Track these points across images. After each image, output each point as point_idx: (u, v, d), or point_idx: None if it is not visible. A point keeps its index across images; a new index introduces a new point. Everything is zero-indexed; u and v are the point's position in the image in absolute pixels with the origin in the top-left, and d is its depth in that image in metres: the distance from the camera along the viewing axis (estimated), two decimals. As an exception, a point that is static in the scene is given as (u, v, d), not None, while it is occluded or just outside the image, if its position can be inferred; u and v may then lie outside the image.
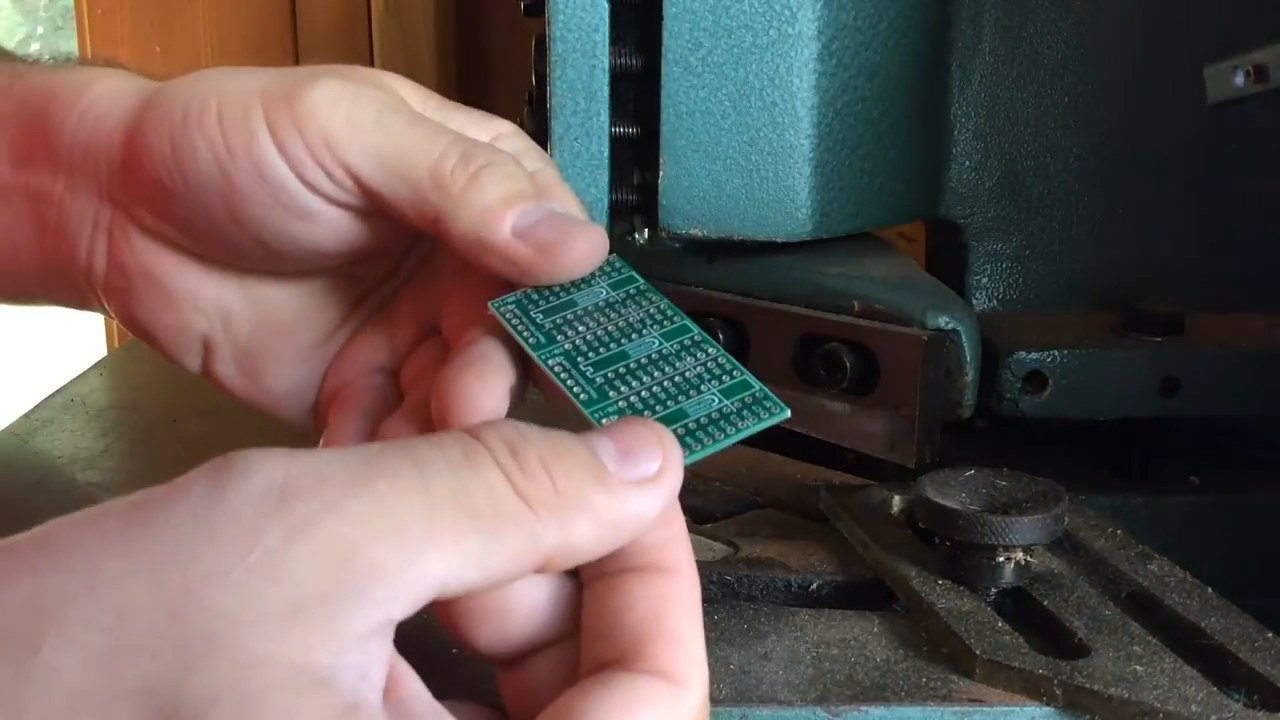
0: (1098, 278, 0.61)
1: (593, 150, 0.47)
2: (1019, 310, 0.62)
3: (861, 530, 0.45)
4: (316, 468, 0.25)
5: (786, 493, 0.51)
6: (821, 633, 0.40)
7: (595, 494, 0.28)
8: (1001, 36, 0.59)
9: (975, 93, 0.60)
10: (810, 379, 0.49)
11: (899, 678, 0.37)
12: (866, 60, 0.51)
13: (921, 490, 0.41)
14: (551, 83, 0.47)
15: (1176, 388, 0.54)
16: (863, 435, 0.48)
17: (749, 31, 0.48)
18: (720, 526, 0.48)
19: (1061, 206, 0.61)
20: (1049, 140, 0.60)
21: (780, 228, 0.50)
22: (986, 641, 0.37)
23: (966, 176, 0.61)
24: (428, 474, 0.26)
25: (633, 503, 0.28)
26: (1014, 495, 0.41)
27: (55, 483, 0.54)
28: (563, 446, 0.28)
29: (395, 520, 0.25)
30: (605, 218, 0.48)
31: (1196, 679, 0.35)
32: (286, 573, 0.24)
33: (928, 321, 0.46)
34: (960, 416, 0.47)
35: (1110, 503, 0.55)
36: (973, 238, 0.61)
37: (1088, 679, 0.35)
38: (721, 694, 0.36)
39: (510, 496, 0.27)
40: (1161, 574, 0.42)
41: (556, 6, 0.46)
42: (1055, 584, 0.41)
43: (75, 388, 0.70)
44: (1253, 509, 0.56)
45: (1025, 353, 0.54)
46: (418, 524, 0.25)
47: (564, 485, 0.27)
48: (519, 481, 0.27)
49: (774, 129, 0.49)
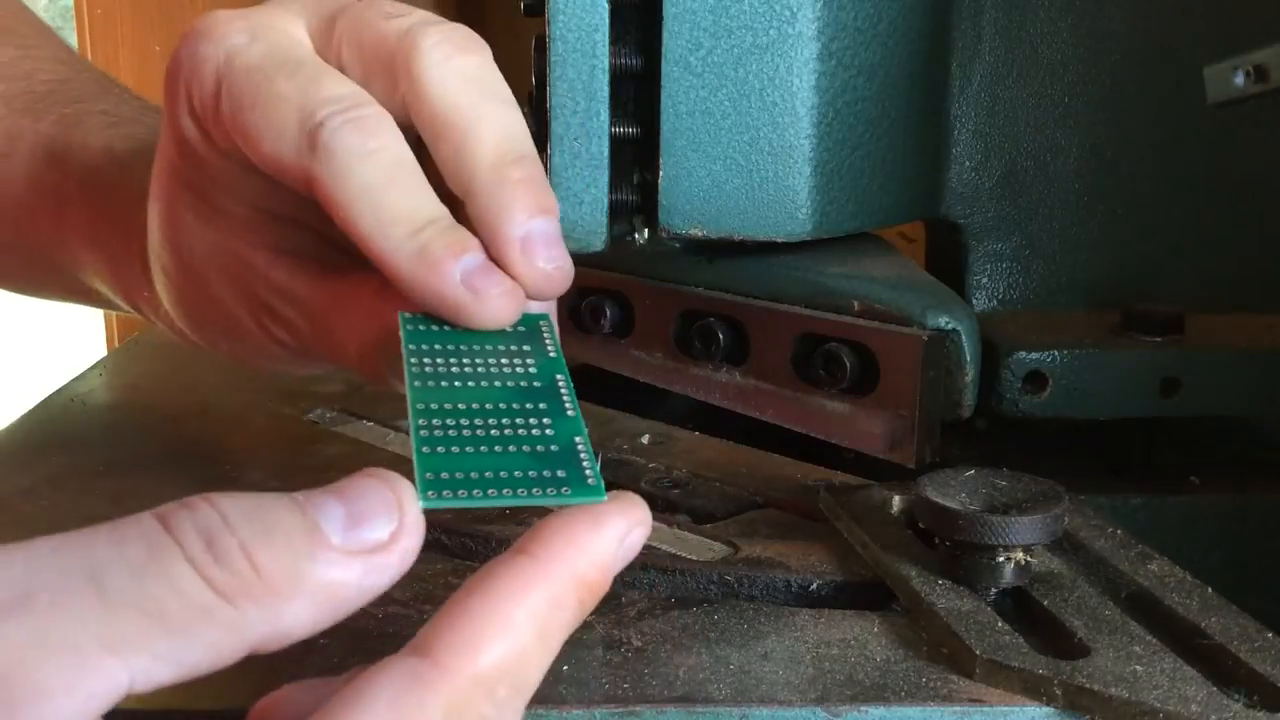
0: (1098, 278, 0.61)
1: (593, 150, 0.47)
2: (1019, 310, 0.62)
3: (861, 530, 0.45)
4: (7, 605, 0.24)
5: (786, 493, 0.51)
6: (821, 633, 0.40)
7: (310, 570, 0.26)
8: (1001, 36, 0.59)
9: (975, 93, 0.60)
10: (810, 379, 0.49)
11: (899, 678, 0.37)
12: (866, 60, 0.51)
13: (921, 490, 0.41)
14: (551, 83, 0.47)
15: (1176, 388, 0.54)
16: (863, 435, 0.48)
17: (749, 31, 0.48)
18: (720, 526, 0.48)
19: (1061, 206, 0.61)
20: (1049, 140, 0.60)
21: (780, 228, 0.50)
22: (986, 641, 0.37)
23: (966, 176, 0.61)
24: (102, 580, 0.24)
25: (354, 575, 0.26)
26: (1014, 495, 0.41)
27: (55, 483, 0.54)
28: (271, 523, 0.26)
29: (60, 637, 0.24)
30: (605, 217, 0.48)
31: (1196, 679, 0.35)
32: None
33: (928, 321, 0.46)
34: (960, 416, 0.47)
35: (1110, 503, 0.55)
36: (973, 238, 0.61)
37: (1088, 679, 0.35)
38: (721, 694, 0.36)
39: (202, 591, 0.25)
40: (1161, 574, 0.42)
41: (556, 6, 0.46)
42: (1055, 584, 0.41)
43: (75, 388, 0.70)
44: (1253, 509, 0.56)
45: (1025, 353, 0.54)
46: (89, 637, 0.24)
47: (270, 570, 0.25)
48: (212, 574, 0.25)
49: (774, 129, 0.49)
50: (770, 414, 0.51)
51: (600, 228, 0.48)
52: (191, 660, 0.25)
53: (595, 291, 0.55)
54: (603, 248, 0.49)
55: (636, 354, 0.55)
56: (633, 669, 0.37)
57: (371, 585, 0.27)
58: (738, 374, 0.52)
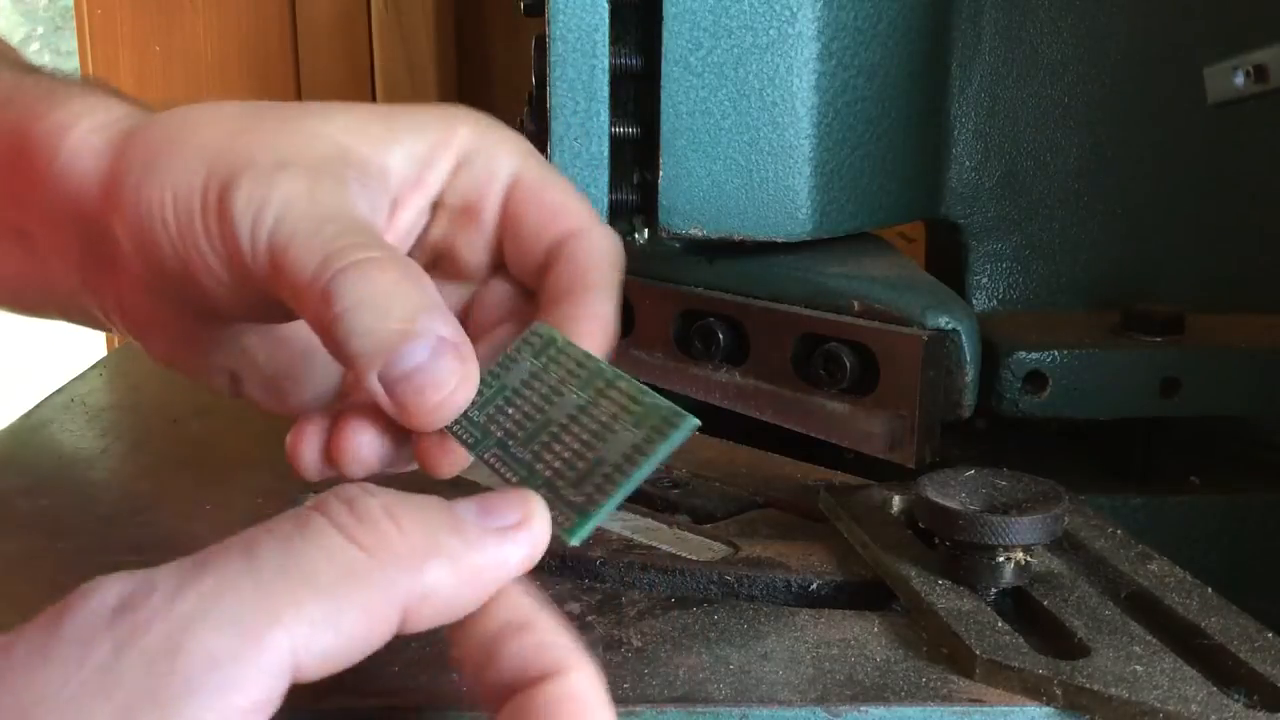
0: (1098, 278, 0.61)
1: (593, 150, 0.47)
2: (1019, 310, 0.62)
3: (861, 530, 0.45)
4: (150, 579, 0.26)
5: (786, 493, 0.51)
6: (821, 633, 0.40)
7: (448, 539, 0.28)
8: (1001, 36, 0.59)
9: (975, 93, 0.60)
10: (810, 379, 0.49)
11: (899, 678, 0.37)
12: (866, 60, 0.51)
13: (921, 490, 0.41)
14: (551, 83, 0.47)
15: (1176, 388, 0.54)
16: (863, 435, 0.48)
17: (749, 31, 0.48)
18: (720, 526, 0.48)
19: (1061, 206, 0.61)
20: (1049, 140, 0.60)
21: (780, 228, 0.50)
22: (986, 641, 0.37)
23: (966, 176, 0.61)
24: (256, 556, 0.26)
25: (491, 549, 0.28)
26: (1014, 495, 0.41)
27: (55, 483, 0.54)
28: (413, 499, 0.28)
29: (225, 609, 0.25)
30: (605, 217, 0.48)
31: (1196, 679, 0.35)
32: (115, 683, 0.24)
33: (928, 321, 0.46)
34: (960, 416, 0.47)
35: (1110, 503, 0.55)
36: (973, 238, 0.61)
37: (1088, 679, 0.35)
38: (721, 694, 0.36)
39: (350, 552, 0.26)
40: (1161, 574, 0.42)
41: (556, 6, 0.46)
42: (1055, 584, 0.41)
43: (75, 388, 0.70)
44: (1253, 509, 0.56)
45: (1025, 353, 0.54)
46: (250, 607, 0.25)
47: (412, 531, 0.27)
48: (358, 534, 0.27)
49: (774, 129, 0.49)
50: (770, 414, 0.51)
51: (600, 228, 0.48)
52: (347, 625, 0.26)
53: (595, 291, 0.55)
54: (603, 248, 0.49)
55: (636, 354, 0.55)
56: (633, 669, 0.37)
57: (505, 559, 0.28)
58: (738, 374, 0.52)
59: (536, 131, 0.49)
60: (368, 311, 0.32)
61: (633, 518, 0.49)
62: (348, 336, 0.32)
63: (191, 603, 0.25)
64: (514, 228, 0.38)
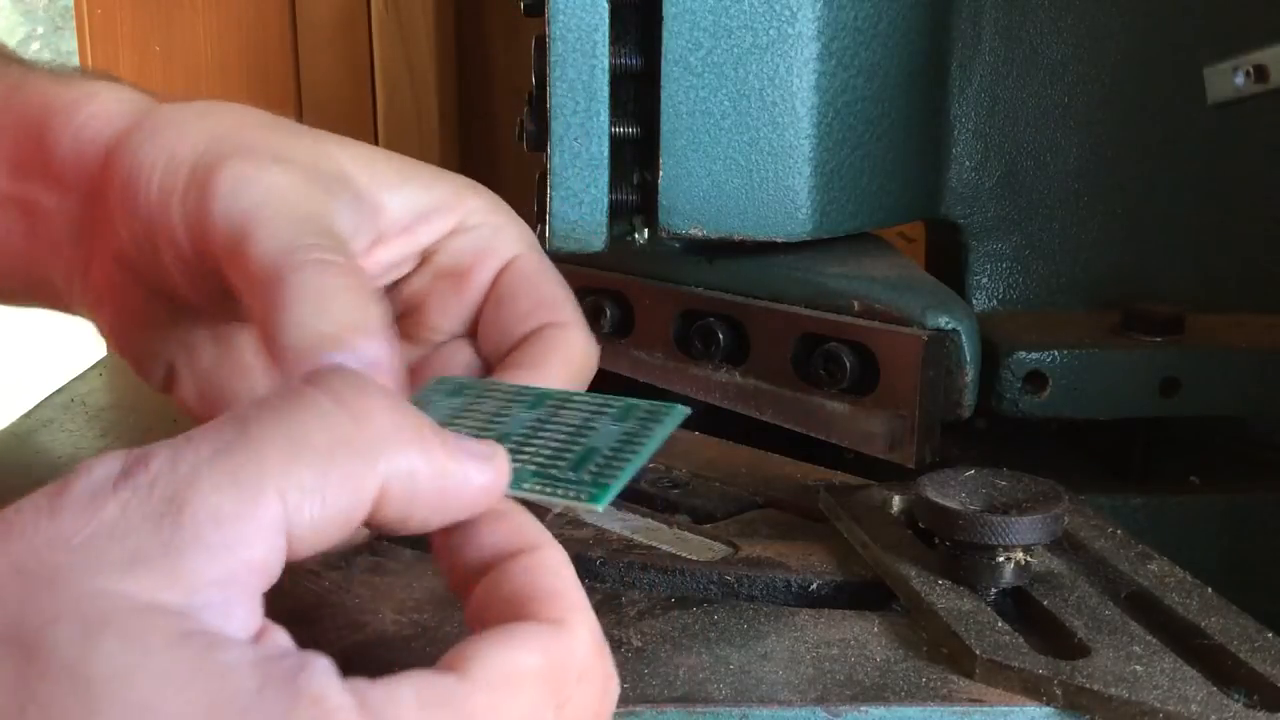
0: (1098, 278, 0.61)
1: (593, 150, 0.47)
2: (1019, 310, 0.62)
3: (861, 530, 0.45)
4: (146, 452, 0.26)
5: (786, 493, 0.51)
6: (821, 633, 0.40)
7: (429, 433, 0.29)
8: (1001, 36, 0.59)
9: (975, 93, 0.60)
10: (810, 379, 0.49)
11: (899, 678, 0.37)
12: (866, 60, 0.51)
13: (921, 490, 0.41)
14: (551, 83, 0.47)
15: (1176, 388, 0.54)
16: (863, 435, 0.48)
17: (749, 31, 0.48)
18: (720, 526, 0.48)
19: (1061, 206, 0.61)
20: (1049, 140, 0.60)
21: (780, 228, 0.50)
22: (986, 641, 0.37)
23: (966, 176, 0.61)
24: (248, 425, 0.27)
25: (461, 459, 0.29)
26: (1014, 495, 0.41)
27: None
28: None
29: (226, 470, 0.26)
30: (605, 217, 0.48)
31: (1196, 679, 0.35)
32: (125, 531, 0.25)
33: (928, 321, 0.46)
34: (960, 416, 0.47)
35: (1110, 503, 0.55)
36: (973, 238, 0.61)
37: (1088, 679, 0.35)
38: (721, 694, 0.36)
39: (340, 418, 0.27)
40: (1161, 574, 0.42)
41: (556, 6, 0.46)
42: (1055, 584, 0.41)
43: (75, 388, 0.70)
44: (1253, 509, 0.56)
45: (1025, 353, 0.54)
46: (249, 469, 0.26)
47: (400, 412, 0.28)
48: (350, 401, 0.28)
49: (774, 129, 0.49)
50: (770, 414, 0.51)
51: (600, 228, 0.48)
52: (332, 495, 0.27)
53: (595, 291, 0.55)
54: (603, 247, 0.49)
55: (636, 354, 0.55)
56: (633, 669, 0.37)
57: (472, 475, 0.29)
58: (738, 374, 0.52)
59: (536, 131, 0.49)
60: (309, 307, 0.32)
61: (633, 518, 0.49)
62: (283, 326, 0.32)
63: (190, 466, 0.26)
64: (501, 304, 0.39)
